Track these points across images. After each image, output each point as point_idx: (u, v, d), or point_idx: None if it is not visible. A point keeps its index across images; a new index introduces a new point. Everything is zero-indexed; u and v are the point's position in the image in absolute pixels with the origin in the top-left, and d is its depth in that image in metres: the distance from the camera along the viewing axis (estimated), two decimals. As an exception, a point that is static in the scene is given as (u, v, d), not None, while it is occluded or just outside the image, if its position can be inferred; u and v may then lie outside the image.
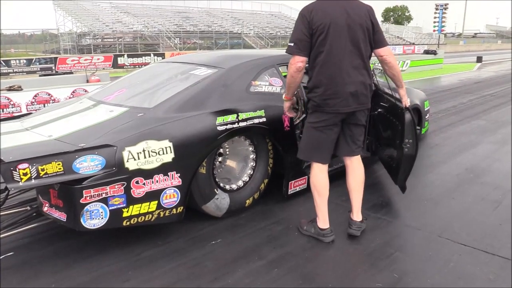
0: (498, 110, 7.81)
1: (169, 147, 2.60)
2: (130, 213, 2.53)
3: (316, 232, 2.81)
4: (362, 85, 2.62)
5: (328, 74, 2.57)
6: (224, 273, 2.42)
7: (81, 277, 2.39)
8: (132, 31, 33.02)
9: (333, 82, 2.57)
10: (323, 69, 2.57)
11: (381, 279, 2.37)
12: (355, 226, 2.85)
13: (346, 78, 2.56)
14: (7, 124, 3.10)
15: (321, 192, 2.80)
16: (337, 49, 2.54)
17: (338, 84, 2.57)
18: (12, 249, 2.69)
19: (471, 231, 2.93)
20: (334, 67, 2.56)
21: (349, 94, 2.58)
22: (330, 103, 2.60)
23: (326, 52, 2.54)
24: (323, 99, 2.60)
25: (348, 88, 2.57)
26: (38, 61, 20.22)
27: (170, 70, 3.69)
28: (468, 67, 20.60)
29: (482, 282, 2.34)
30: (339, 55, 2.54)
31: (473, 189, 3.76)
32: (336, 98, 2.58)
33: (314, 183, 2.82)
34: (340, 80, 2.56)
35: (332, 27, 2.51)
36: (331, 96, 2.58)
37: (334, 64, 2.55)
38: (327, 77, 2.57)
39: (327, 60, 2.55)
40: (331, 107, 2.60)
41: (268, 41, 37.77)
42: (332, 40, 2.52)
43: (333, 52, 2.54)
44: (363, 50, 2.59)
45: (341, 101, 2.58)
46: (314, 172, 2.81)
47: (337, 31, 2.52)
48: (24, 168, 2.22)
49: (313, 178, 2.82)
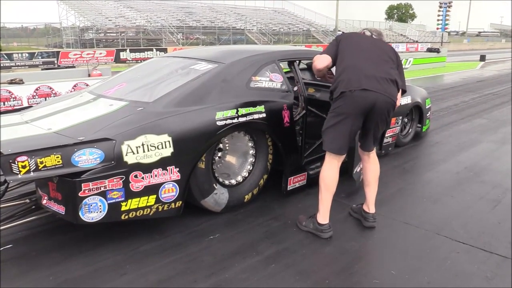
0: (499, 109, 7.78)
1: (168, 142, 2.60)
2: (129, 207, 2.53)
3: (315, 228, 2.81)
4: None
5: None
6: (221, 268, 2.43)
7: (79, 270, 2.40)
8: (135, 26, 32.94)
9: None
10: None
11: (378, 276, 2.38)
12: (372, 218, 2.95)
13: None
14: (7, 117, 3.10)
15: (329, 187, 2.78)
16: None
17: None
18: (11, 241, 2.70)
19: (470, 229, 2.93)
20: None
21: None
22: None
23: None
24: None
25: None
26: (40, 55, 20.20)
27: (171, 64, 3.68)
28: (471, 65, 20.52)
29: (479, 280, 2.34)
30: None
31: (472, 187, 3.76)
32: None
33: (324, 177, 2.79)
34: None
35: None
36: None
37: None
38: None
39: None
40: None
41: (271, 38, 37.65)
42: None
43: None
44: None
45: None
46: (326, 166, 2.79)
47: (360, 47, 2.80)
48: (23, 160, 2.22)
49: (324, 171, 2.79)
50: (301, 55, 3.97)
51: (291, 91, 3.39)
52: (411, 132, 5.18)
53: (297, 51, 4.07)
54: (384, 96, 2.61)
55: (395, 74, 2.73)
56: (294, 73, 3.63)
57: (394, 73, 2.73)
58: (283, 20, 43.75)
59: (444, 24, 44.17)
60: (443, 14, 43.51)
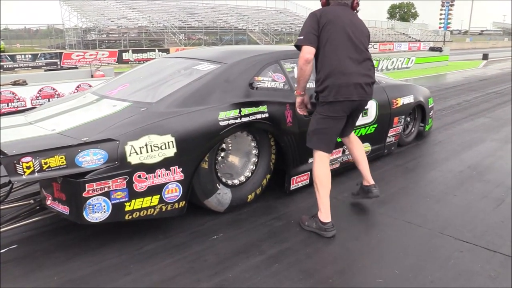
0: (502, 108, 7.76)
1: (171, 142, 2.62)
2: (132, 207, 2.55)
3: (318, 227, 2.82)
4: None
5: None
6: (224, 267, 2.44)
7: (83, 270, 2.42)
8: (137, 27, 33.04)
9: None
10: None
11: (382, 274, 2.38)
12: (374, 188, 3.18)
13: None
14: (11, 118, 3.12)
15: (324, 183, 2.83)
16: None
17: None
18: (16, 241, 2.72)
19: (473, 228, 2.93)
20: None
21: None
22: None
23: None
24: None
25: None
26: (43, 56, 20.33)
27: (174, 65, 3.69)
28: (474, 64, 20.47)
29: (483, 279, 2.34)
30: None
31: (475, 186, 3.75)
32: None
33: (317, 174, 2.84)
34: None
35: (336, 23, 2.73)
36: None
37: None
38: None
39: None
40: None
41: (273, 37, 37.67)
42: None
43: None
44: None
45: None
46: (317, 164, 2.85)
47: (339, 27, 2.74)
48: (27, 161, 2.24)
49: (317, 169, 2.84)
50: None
51: (293, 91, 3.39)
52: (413, 131, 5.17)
53: (299, 51, 4.06)
54: (368, 98, 2.91)
55: (373, 69, 2.89)
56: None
57: (372, 67, 2.89)
58: (285, 20, 43.77)
59: (446, 23, 44.11)
60: (445, 13, 43.49)
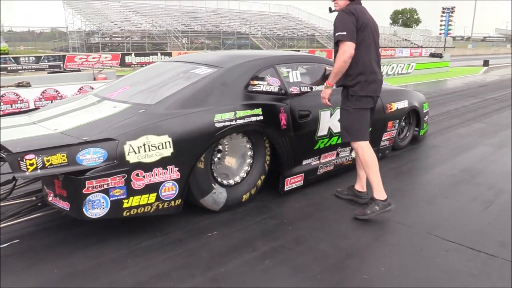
0: (499, 114, 7.85)
1: (169, 142, 2.72)
2: (130, 204, 2.65)
3: (381, 207, 3.12)
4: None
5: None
6: (218, 263, 2.53)
7: (82, 264, 2.52)
8: (140, 30, 33.24)
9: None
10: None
11: (368, 271, 2.47)
12: (366, 195, 3.45)
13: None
14: (16, 118, 3.24)
15: (375, 165, 3.16)
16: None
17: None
18: (18, 236, 2.82)
19: (460, 229, 3.02)
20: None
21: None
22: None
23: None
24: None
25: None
26: (46, 59, 20.50)
27: (173, 68, 3.80)
28: (474, 70, 20.54)
29: (466, 276, 2.43)
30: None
31: (467, 189, 3.84)
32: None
33: (368, 161, 3.15)
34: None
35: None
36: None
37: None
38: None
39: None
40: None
41: (276, 42, 37.82)
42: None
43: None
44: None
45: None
46: (364, 152, 3.16)
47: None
48: (30, 158, 2.35)
49: (365, 157, 3.15)
50: (300, 59, 4.08)
51: (288, 95, 3.50)
52: (408, 135, 5.26)
53: (295, 56, 4.19)
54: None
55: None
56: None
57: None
58: (288, 25, 43.93)
59: (447, 29, 44.21)
60: (446, 19, 43.58)
